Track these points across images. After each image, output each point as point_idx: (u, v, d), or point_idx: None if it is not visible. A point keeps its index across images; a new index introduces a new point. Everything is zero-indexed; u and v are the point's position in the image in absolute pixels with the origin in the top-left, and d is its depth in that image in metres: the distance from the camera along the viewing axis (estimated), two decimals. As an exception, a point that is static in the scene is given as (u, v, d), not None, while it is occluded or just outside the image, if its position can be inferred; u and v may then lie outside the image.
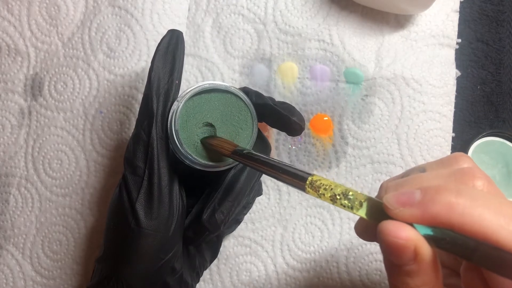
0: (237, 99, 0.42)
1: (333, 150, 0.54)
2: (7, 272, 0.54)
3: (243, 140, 0.42)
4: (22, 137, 0.56)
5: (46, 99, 0.56)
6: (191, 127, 0.41)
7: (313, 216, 0.54)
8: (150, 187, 0.40)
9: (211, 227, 0.42)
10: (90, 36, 0.56)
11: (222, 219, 0.42)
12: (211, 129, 0.42)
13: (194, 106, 0.41)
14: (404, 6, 0.53)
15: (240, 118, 0.42)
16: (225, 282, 0.54)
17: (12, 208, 0.55)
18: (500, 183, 0.54)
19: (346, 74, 0.55)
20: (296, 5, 0.56)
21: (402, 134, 0.54)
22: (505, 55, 0.57)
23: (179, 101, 0.41)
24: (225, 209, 0.42)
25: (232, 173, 0.43)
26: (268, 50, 0.56)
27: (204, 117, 0.42)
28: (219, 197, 0.42)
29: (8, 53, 0.57)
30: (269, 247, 0.54)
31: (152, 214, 0.40)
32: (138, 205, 0.40)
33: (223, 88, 0.42)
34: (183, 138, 0.41)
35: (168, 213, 0.41)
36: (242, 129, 0.42)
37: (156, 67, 0.42)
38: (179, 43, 0.44)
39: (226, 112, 0.42)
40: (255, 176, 0.44)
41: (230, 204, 0.42)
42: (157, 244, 0.41)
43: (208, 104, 0.42)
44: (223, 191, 0.42)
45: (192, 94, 0.41)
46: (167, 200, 0.41)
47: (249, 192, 0.44)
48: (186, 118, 0.41)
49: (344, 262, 0.53)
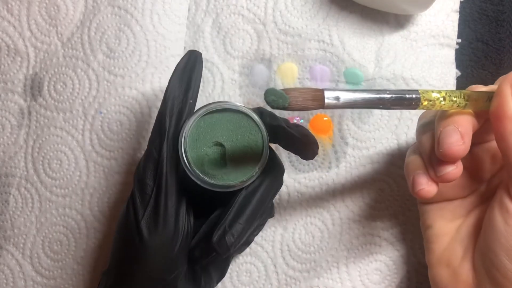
0: (249, 119, 0.42)
1: (333, 151, 0.55)
2: (7, 272, 0.55)
3: (253, 161, 0.42)
4: (21, 137, 0.56)
5: (46, 99, 0.56)
6: (200, 147, 0.42)
7: (313, 216, 0.54)
8: (157, 206, 0.40)
9: (220, 249, 0.41)
10: (90, 36, 0.56)
11: (232, 241, 0.41)
12: (221, 148, 0.42)
13: (205, 125, 0.42)
14: (404, 6, 0.53)
15: (251, 138, 0.42)
16: (225, 283, 0.54)
17: (12, 208, 0.55)
18: None
19: (346, 75, 0.55)
20: (296, 5, 0.56)
21: (401, 134, 0.55)
22: (505, 55, 0.58)
23: (190, 120, 0.41)
24: (235, 231, 0.41)
25: (244, 194, 0.42)
26: (268, 51, 0.56)
27: (214, 137, 0.42)
28: (230, 219, 0.41)
29: (8, 53, 0.57)
30: (269, 247, 0.54)
31: (156, 233, 0.40)
32: (143, 222, 0.40)
33: (234, 108, 0.42)
34: (192, 157, 0.41)
35: (173, 233, 0.41)
36: (252, 150, 0.42)
37: (172, 86, 0.42)
38: (197, 63, 0.44)
39: (237, 132, 0.42)
40: (268, 197, 0.44)
41: (241, 227, 0.41)
42: (160, 263, 0.41)
43: (219, 123, 0.42)
44: (234, 212, 0.42)
45: (203, 113, 0.42)
46: (172, 219, 0.41)
47: (260, 214, 0.44)
48: (196, 137, 0.42)
49: (344, 262, 0.54)
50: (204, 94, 0.56)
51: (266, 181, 0.43)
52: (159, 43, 0.56)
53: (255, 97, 0.56)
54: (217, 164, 0.42)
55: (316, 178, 0.55)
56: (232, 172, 0.42)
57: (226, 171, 0.42)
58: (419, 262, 0.53)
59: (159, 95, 0.55)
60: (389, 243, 0.54)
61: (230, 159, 0.42)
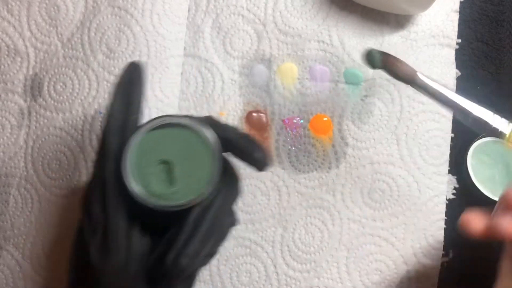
0: (195, 134, 0.40)
1: (333, 151, 0.56)
2: (7, 272, 0.55)
3: (202, 177, 0.40)
4: (21, 138, 0.57)
5: (46, 99, 0.57)
6: (146, 166, 0.39)
7: (313, 216, 0.55)
8: (106, 230, 0.39)
9: (175, 272, 0.39)
10: (90, 36, 0.57)
11: (188, 262, 0.39)
12: (167, 166, 0.40)
13: (149, 143, 0.40)
14: (404, 6, 0.54)
15: (199, 154, 0.40)
16: (225, 283, 0.55)
17: (12, 208, 0.56)
18: (500, 183, 0.55)
19: (346, 75, 0.56)
20: (295, 6, 0.57)
21: (401, 134, 0.55)
22: (505, 55, 0.58)
23: (132, 138, 0.39)
24: (190, 252, 0.39)
25: (197, 211, 0.40)
26: (268, 51, 0.57)
27: (160, 154, 0.40)
28: (184, 239, 0.39)
29: (8, 53, 0.58)
30: (269, 248, 0.55)
31: (108, 258, 0.39)
32: (93, 249, 0.39)
33: (179, 122, 0.40)
34: (136, 178, 0.39)
35: (126, 256, 0.39)
36: (201, 165, 0.40)
37: (112, 104, 0.41)
38: (137, 76, 0.42)
39: (184, 148, 0.40)
40: (225, 210, 0.42)
41: (196, 247, 0.39)
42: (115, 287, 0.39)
43: (164, 140, 0.40)
44: (187, 232, 0.39)
45: (146, 130, 0.39)
46: (124, 242, 0.39)
47: (218, 230, 0.42)
48: (140, 156, 0.39)
49: (345, 262, 0.54)
50: (204, 94, 0.57)
51: (221, 195, 0.41)
52: (159, 43, 0.56)
53: (255, 97, 0.56)
54: (164, 184, 0.40)
55: (316, 178, 0.55)
56: (181, 190, 0.40)
57: (174, 190, 0.39)
58: (419, 262, 0.54)
59: (159, 95, 0.56)
60: (389, 243, 0.54)
61: (178, 177, 0.40)
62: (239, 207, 0.55)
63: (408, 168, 0.55)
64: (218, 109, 0.56)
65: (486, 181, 0.55)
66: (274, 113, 0.56)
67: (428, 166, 0.55)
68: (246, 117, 0.56)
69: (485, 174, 0.55)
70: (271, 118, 0.56)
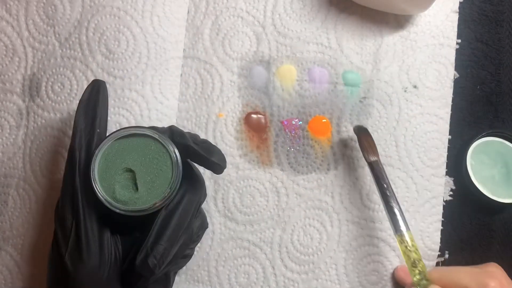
0: (156, 142, 0.44)
1: (332, 152, 0.56)
2: (6, 273, 0.55)
3: (163, 183, 0.43)
4: (20, 138, 0.57)
5: (43, 100, 0.57)
6: (111, 175, 0.43)
7: (312, 218, 0.56)
8: (78, 239, 0.42)
9: (144, 272, 0.42)
10: (88, 36, 0.57)
11: (155, 263, 0.41)
12: (131, 174, 0.44)
13: (113, 153, 0.44)
14: (403, 7, 0.54)
15: (160, 160, 0.44)
16: (223, 284, 0.55)
17: (11, 209, 0.56)
18: (500, 183, 0.56)
19: (344, 77, 0.56)
20: (294, 8, 0.57)
21: (399, 136, 0.56)
22: (504, 55, 0.59)
23: (98, 150, 0.43)
24: (157, 253, 0.42)
25: (163, 214, 0.44)
26: (267, 53, 0.57)
27: (124, 163, 0.44)
28: (151, 241, 0.42)
29: (6, 53, 0.58)
30: (267, 249, 0.55)
31: (81, 265, 0.42)
32: (67, 257, 0.42)
33: (141, 132, 0.44)
34: (103, 186, 0.43)
35: (99, 262, 0.42)
36: (162, 171, 0.44)
37: (78, 119, 0.45)
38: (100, 92, 0.47)
39: (145, 156, 0.44)
40: (190, 212, 0.45)
41: (163, 247, 0.42)
42: None
43: (127, 149, 0.44)
44: (154, 234, 0.43)
45: (109, 141, 0.43)
46: (96, 249, 0.42)
47: (185, 231, 0.45)
48: (105, 166, 0.43)
49: (343, 263, 0.55)
50: (203, 96, 0.57)
51: (185, 198, 0.44)
52: (159, 45, 0.56)
53: (254, 99, 0.57)
54: (129, 190, 0.44)
55: (314, 179, 0.56)
56: (144, 196, 0.43)
57: (138, 196, 0.43)
58: None
59: (158, 97, 0.56)
60: (386, 244, 0.55)
61: (141, 183, 0.43)
62: (238, 208, 0.56)
63: (406, 170, 0.56)
64: (217, 111, 0.57)
65: (486, 181, 0.55)
66: (273, 114, 0.57)
67: (426, 168, 0.56)
68: (245, 119, 0.57)
69: (485, 174, 0.56)
70: (270, 119, 0.57)
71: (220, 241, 0.56)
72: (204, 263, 0.55)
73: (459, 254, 0.56)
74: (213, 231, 0.56)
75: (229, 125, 0.56)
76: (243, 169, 0.56)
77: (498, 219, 0.57)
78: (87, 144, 0.44)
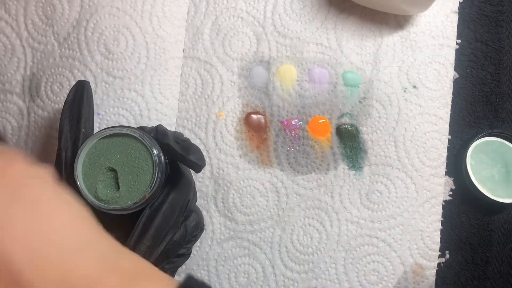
0: (137, 142, 0.46)
1: (331, 152, 0.57)
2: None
3: (144, 182, 0.45)
4: (22, 139, 0.58)
5: (43, 100, 0.58)
6: (94, 174, 0.46)
7: (312, 217, 0.57)
8: None
9: None
10: (87, 36, 0.58)
11: None
12: (114, 173, 0.46)
13: (96, 153, 0.46)
14: (403, 7, 0.55)
15: (141, 159, 0.46)
16: (223, 284, 0.56)
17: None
18: (499, 183, 0.57)
19: (344, 77, 0.58)
20: (294, 8, 0.59)
21: (399, 136, 0.57)
22: (504, 55, 0.59)
23: (80, 150, 0.45)
24: (140, 252, 0.43)
25: (147, 213, 0.45)
26: (267, 53, 0.58)
27: (106, 162, 0.46)
28: (134, 240, 0.44)
29: (5, 53, 0.59)
30: (267, 248, 0.57)
31: None
32: None
33: (123, 132, 0.46)
34: (86, 185, 0.45)
35: None
36: (144, 170, 0.45)
37: (63, 120, 0.47)
38: (85, 92, 0.49)
39: (127, 155, 0.46)
40: (175, 211, 0.47)
41: (146, 246, 0.44)
42: None
43: (110, 149, 0.46)
44: (138, 233, 0.44)
45: (92, 141, 0.45)
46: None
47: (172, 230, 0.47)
48: (89, 166, 0.46)
49: (342, 263, 0.56)
50: (203, 96, 0.58)
51: (170, 197, 0.46)
52: (159, 45, 0.58)
53: (254, 99, 0.58)
54: (111, 189, 0.46)
55: (314, 179, 0.57)
56: (126, 195, 0.45)
57: (119, 195, 0.45)
58: (416, 262, 0.56)
59: (158, 97, 0.57)
60: (386, 244, 0.56)
61: (122, 182, 0.46)
62: (238, 208, 0.57)
63: (406, 170, 0.57)
64: (217, 111, 0.58)
65: (485, 181, 0.56)
66: (273, 114, 0.58)
67: (426, 168, 0.57)
68: (245, 119, 0.58)
69: (484, 174, 0.57)
70: (270, 119, 0.58)
71: (220, 241, 0.57)
72: (204, 263, 0.57)
73: (459, 254, 0.57)
74: (213, 231, 0.57)
75: (229, 125, 0.58)
76: (243, 169, 0.57)
77: (497, 219, 0.58)
78: (72, 144, 0.47)
